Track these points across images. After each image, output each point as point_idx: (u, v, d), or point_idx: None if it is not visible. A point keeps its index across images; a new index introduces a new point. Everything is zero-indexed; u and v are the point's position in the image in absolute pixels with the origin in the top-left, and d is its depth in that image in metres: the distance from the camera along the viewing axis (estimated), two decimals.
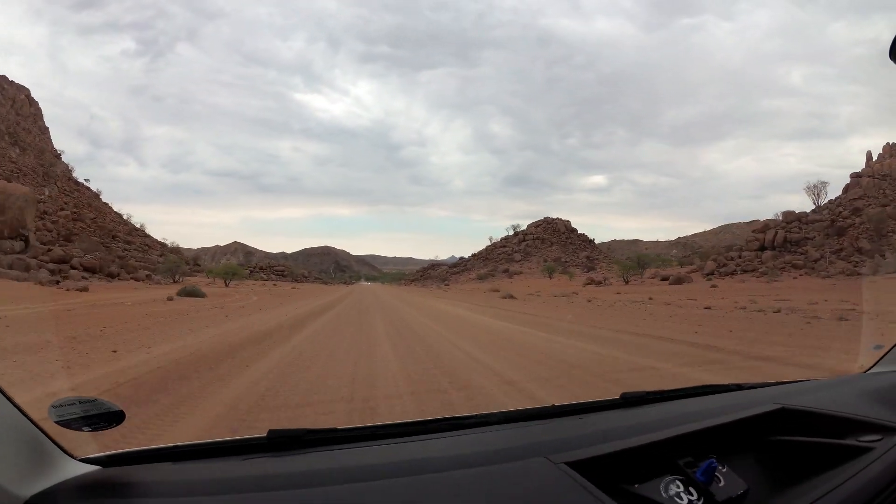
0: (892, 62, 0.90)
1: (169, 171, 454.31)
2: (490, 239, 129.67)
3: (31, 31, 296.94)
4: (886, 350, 1.58)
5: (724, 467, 0.98)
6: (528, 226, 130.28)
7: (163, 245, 78.48)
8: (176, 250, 76.70)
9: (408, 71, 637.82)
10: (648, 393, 1.45)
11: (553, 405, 1.39)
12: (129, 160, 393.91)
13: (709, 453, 0.99)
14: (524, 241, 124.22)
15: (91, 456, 0.98)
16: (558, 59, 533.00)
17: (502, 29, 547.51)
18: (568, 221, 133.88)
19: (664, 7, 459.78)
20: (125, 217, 79.21)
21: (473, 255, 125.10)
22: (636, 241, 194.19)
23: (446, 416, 1.30)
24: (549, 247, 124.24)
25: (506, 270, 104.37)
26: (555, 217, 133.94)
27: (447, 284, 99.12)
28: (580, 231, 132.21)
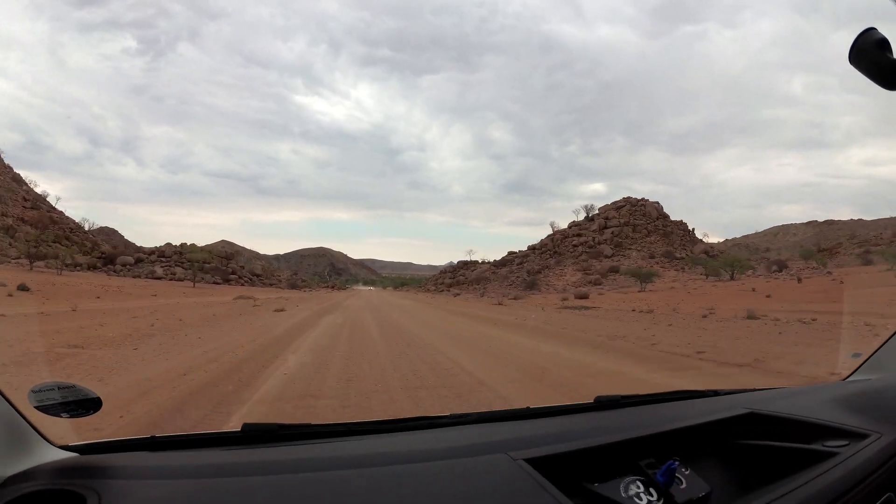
0: (852, 66, 0.88)
1: (167, 171, 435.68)
2: (552, 226, 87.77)
3: (31, 27, 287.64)
4: (865, 358, 1.56)
5: (686, 469, 0.99)
6: (602, 209, 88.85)
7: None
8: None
9: (409, 75, 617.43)
10: (623, 396, 1.43)
11: (528, 407, 1.38)
12: (128, 160, 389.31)
13: (673, 456, 0.99)
14: (607, 227, 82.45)
15: (70, 444, 0.99)
16: (559, 66, 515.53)
17: (504, 34, 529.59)
18: (658, 204, 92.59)
19: (667, 14, 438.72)
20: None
21: (531, 248, 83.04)
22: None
23: (422, 416, 1.31)
24: (644, 236, 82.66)
25: (587, 272, 62.75)
26: (639, 198, 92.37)
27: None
28: (669, 217, 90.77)
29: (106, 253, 54.23)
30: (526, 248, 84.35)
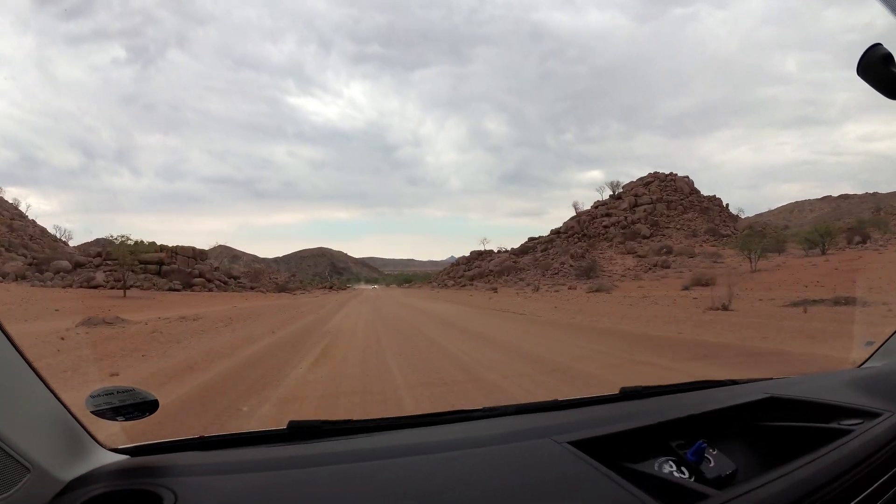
0: (860, 78, 0.98)
1: (163, 179, 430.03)
2: (575, 207, 78.91)
3: (18, 43, 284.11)
4: (878, 345, 1.62)
5: (714, 450, 1.05)
6: (627, 186, 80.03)
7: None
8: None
9: (400, 70, 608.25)
10: (646, 387, 1.49)
11: (556, 399, 1.44)
12: (123, 170, 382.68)
13: (700, 438, 1.05)
14: (637, 205, 73.69)
15: (120, 446, 1.02)
16: (551, 54, 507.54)
17: (494, 24, 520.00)
18: (688, 178, 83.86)
19: None
20: None
21: (555, 232, 74.20)
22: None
23: (457, 409, 1.36)
24: (680, 213, 73.97)
25: (636, 255, 54.17)
26: (667, 173, 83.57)
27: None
28: (702, 192, 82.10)
29: (37, 259, 44.21)
30: (549, 233, 75.53)
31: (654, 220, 69.49)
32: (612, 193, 78.78)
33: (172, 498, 0.78)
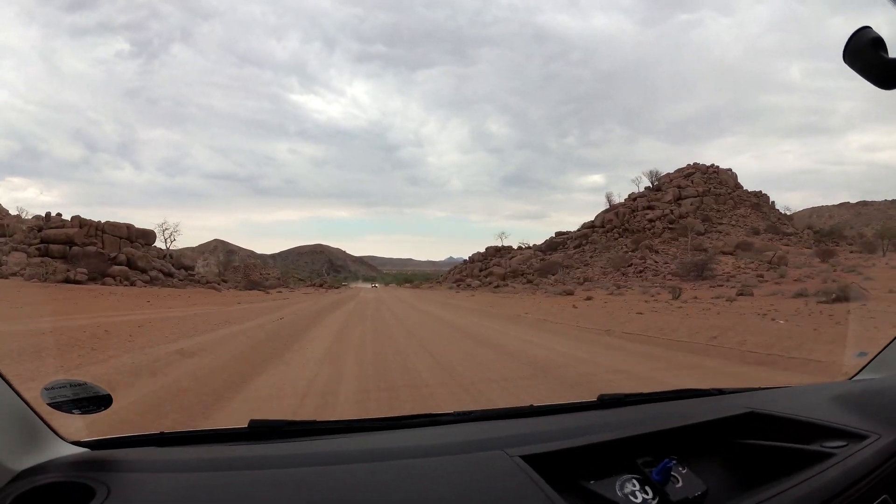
0: (846, 64, 0.88)
1: (165, 174, 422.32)
2: (609, 198, 69.87)
3: (23, 34, 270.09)
4: (870, 357, 1.55)
5: (684, 468, 0.98)
6: (664, 178, 71.22)
7: None
8: None
9: (404, 70, 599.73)
10: (626, 395, 1.43)
11: (531, 405, 1.38)
12: (125, 164, 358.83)
13: (672, 454, 0.98)
14: (682, 197, 64.93)
15: (80, 440, 1.02)
16: (555, 57, 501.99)
17: (499, 26, 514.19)
18: (731, 171, 75.33)
19: (662, 2, 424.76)
20: None
21: (589, 226, 65.12)
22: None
23: (425, 413, 1.31)
24: (731, 208, 65.37)
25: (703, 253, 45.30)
26: (708, 164, 74.91)
27: (569, 292, 39.74)
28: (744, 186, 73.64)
29: None
30: (580, 227, 66.46)
31: (705, 215, 60.76)
32: (651, 184, 69.94)
33: (105, 493, 0.78)
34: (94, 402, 1.00)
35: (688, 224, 55.60)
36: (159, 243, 47.78)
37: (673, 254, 49.61)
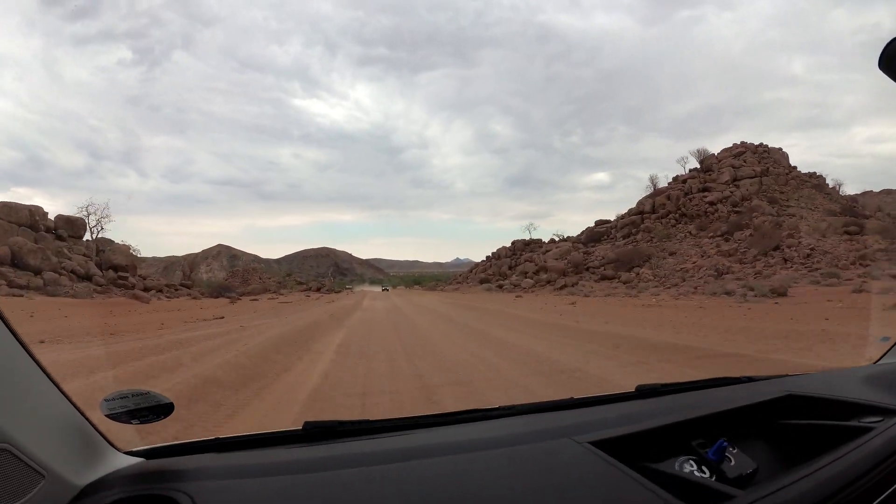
0: (881, 71, 0.93)
1: (169, 181, 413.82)
2: (653, 181, 62.69)
3: (25, 44, 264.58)
4: (894, 341, 1.63)
5: (734, 449, 1.03)
6: (710, 159, 64.05)
7: None
8: None
9: (406, 73, 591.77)
10: (663, 385, 1.47)
11: (573, 397, 1.42)
12: (130, 171, 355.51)
13: (720, 436, 1.03)
14: (738, 178, 57.77)
15: (135, 449, 1.02)
16: (557, 56, 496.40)
17: (500, 27, 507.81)
18: (782, 150, 68.25)
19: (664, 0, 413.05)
20: None
21: (635, 213, 57.86)
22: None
23: (474, 408, 1.33)
24: (794, 189, 58.28)
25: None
26: (756, 143, 67.83)
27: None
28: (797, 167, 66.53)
29: None
30: (624, 213, 59.21)
31: (771, 196, 53.61)
32: (699, 165, 62.71)
33: (189, 502, 0.77)
34: (155, 411, 0.97)
35: (756, 207, 48.38)
36: (117, 237, 39.14)
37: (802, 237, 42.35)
